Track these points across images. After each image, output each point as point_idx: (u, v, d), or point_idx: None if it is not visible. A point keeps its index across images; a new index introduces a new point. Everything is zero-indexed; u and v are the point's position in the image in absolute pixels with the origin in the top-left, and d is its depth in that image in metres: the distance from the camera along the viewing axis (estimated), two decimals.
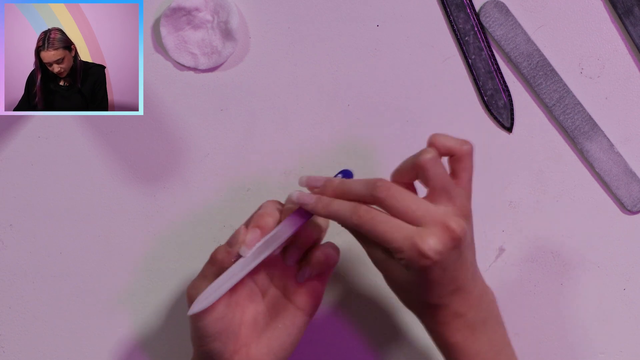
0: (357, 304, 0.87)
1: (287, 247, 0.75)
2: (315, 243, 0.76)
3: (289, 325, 0.76)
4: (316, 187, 0.74)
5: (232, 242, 0.74)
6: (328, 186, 0.73)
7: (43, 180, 0.86)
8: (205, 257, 0.80)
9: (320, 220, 0.76)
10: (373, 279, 0.86)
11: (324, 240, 0.78)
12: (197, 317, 0.73)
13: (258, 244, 0.73)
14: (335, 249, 0.76)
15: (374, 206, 0.71)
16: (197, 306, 0.72)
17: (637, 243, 0.87)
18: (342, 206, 0.72)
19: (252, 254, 0.73)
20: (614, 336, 0.87)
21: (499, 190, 0.87)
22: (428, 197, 0.71)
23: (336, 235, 0.78)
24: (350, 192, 0.72)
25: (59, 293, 0.87)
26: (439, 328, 0.73)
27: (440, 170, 0.71)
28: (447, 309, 0.72)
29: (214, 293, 0.73)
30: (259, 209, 0.75)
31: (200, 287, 0.73)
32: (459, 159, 0.72)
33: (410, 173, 0.72)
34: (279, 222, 0.74)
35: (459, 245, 0.70)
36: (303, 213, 0.74)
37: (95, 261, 0.86)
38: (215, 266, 0.73)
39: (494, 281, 0.76)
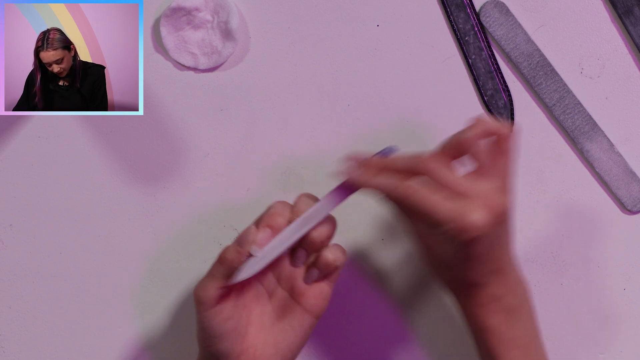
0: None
1: (294, 248, 0.75)
2: (322, 245, 0.76)
3: (296, 326, 0.76)
4: (362, 161, 0.74)
5: (242, 242, 0.73)
6: (374, 160, 0.74)
7: (43, 180, 0.86)
8: (206, 257, 0.80)
9: (328, 222, 0.76)
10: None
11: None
12: (205, 318, 0.73)
13: (302, 216, 0.74)
14: (343, 250, 0.76)
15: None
16: (245, 273, 0.73)
17: (637, 243, 0.87)
18: (388, 178, 0.72)
19: (298, 225, 0.73)
20: (614, 336, 0.87)
21: None
22: (473, 174, 0.72)
23: (339, 234, 0.78)
24: (395, 166, 0.73)
25: (59, 293, 0.87)
26: (475, 310, 0.74)
27: (484, 148, 0.72)
28: (485, 290, 0.73)
29: (260, 261, 0.73)
30: (269, 209, 0.75)
31: (209, 287, 0.73)
32: (501, 141, 0.73)
33: (453, 150, 0.73)
34: (290, 221, 0.74)
35: (504, 220, 0.70)
36: (348, 186, 0.74)
37: (95, 261, 0.87)
38: (224, 266, 0.73)
39: None
